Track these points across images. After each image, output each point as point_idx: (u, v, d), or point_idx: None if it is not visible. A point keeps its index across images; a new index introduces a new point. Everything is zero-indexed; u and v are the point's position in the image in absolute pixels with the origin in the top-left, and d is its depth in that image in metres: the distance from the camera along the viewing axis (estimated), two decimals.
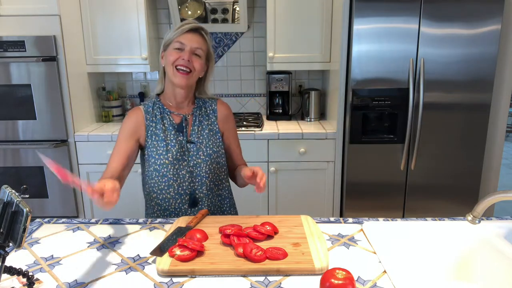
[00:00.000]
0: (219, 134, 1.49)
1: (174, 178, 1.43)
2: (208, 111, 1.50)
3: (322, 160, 2.56)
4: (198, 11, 2.82)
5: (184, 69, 1.37)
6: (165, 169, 1.42)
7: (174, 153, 1.41)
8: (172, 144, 1.42)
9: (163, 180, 1.43)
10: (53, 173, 1.00)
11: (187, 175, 1.43)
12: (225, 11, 2.83)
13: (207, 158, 1.44)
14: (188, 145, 1.43)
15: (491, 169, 2.55)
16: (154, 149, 1.42)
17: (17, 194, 0.86)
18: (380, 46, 2.30)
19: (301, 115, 2.96)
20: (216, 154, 1.47)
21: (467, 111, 2.38)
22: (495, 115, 2.45)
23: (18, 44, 2.39)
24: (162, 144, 1.41)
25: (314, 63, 2.73)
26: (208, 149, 1.45)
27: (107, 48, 2.74)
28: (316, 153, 2.54)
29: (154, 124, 1.44)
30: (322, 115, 2.98)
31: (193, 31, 1.38)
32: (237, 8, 2.82)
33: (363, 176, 2.50)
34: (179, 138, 1.43)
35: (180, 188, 1.44)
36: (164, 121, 1.44)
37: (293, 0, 2.62)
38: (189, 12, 2.83)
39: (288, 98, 2.90)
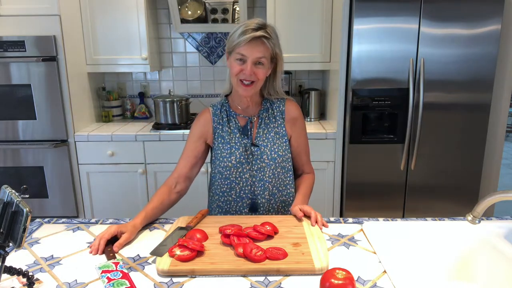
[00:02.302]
0: (286, 137, 1.43)
1: (237, 181, 1.41)
2: (275, 113, 1.44)
3: (322, 160, 2.56)
4: (198, 11, 2.82)
5: (247, 82, 1.33)
6: (228, 172, 1.40)
7: (238, 156, 1.39)
8: (236, 147, 1.39)
9: (226, 182, 1.42)
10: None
11: (250, 179, 1.40)
12: (225, 11, 2.83)
13: (271, 162, 1.39)
14: (252, 148, 1.40)
15: (491, 169, 2.55)
16: (219, 152, 1.41)
17: (17, 194, 0.86)
18: (380, 46, 2.30)
19: None
20: (282, 158, 1.41)
21: (467, 111, 2.38)
22: (495, 115, 2.45)
23: (18, 44, 2.39)
24: (226, 147, 1.40)
25: (314, 63, 2.73)
26: (273, 153, 1.39)
27: (107, 48, 2.74)
28: (316, 153, 2.53)
29: (220, 127, 1.42)
30: (322, 115, 2.98)
31: (255, 38, 1.29)
32: (237, 8, 2.82)
33: (363, 176, 2.50)
34: (243, 141, 1.40)
35: (242, 192, 1.42)
36: (230, 124, 1.42)
37: (293, 0, 2.62)
38: (189, 12, 2.83)
39: None
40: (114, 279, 0.96)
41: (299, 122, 1.47)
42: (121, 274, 0.98)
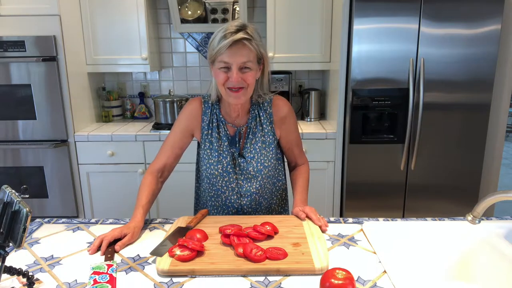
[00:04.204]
0: (272, 145, 1.40)
1: (223, 190, 1.40)
2: (263, 119, 1.39)
3: (322, 160, 2.56)
4: (198, 11, 2.82)
5: (235, 89, 1.26)
6: (215, 180, 1.40)
7: (225, 165, 1.37)
8: (224, 155, 1.37)
9: (213, 188, 1.42)
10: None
11: (236, 188, 1.40)
12: (225, 11, 2.83)
13: (257, 174, 1.38)
14: (239, 159, 1.38)
15: (491, 169, 2.55)
16: (207, 157, 1.39)
17: (17, 194, 0.86)
18: (380, 46, 2.30)
19: (301, 115, 2.96)
20: (267, 169, 1.39)
21: (467, 111, 2.38)
22: (495, 115, 2.45)
23: (18, 44, 2.39)
24: (214, 154, 1.38)
25: (314, 63, 2.73)
26: (259, 164, 1.37)
27: (107, 48, 2.74)
28: (316, 153, 2.54)
29: (209, 131, 1.39)
30: (322, 115, 2.98)
31: (236, 42, 1.21)
32: (237, 8, 2.82)
33: (363, 176, 2.50)
34: (231, 149, 1.38)
35: (227, 200, 1.42)
36: (220, 130, 1.39)
37: (293, 0, 2.62)
38: (189, 12, 2.83)
39: (288, 98, 2.90)
40: (100, 282, 0.95)
41: (288, 119, 1.42)
42: (108, 278, 0.97)
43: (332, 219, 1.33)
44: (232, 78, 1.24)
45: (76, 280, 0.98)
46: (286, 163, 1.56)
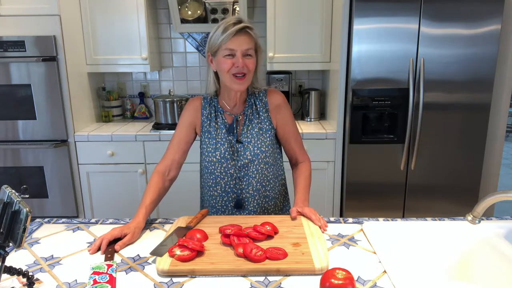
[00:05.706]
0: (269, 132, 1.45)
1: (222, 176, 1.43)
2: (259, 108, 1.46)
3: (322, 160, 2.56)
4: (198, 11, 2.82)
5: (240, 75, 1.34)
6: (213, 167, 1.43)
7: (223, 151, 1.41)
8: (222, 142, 1.42)
9: (211, 177, 1.45)
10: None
11: (235, 174, 1.43)
12: (225, 11, 2.83)
13: (254, 158, 1.42)
14: (237, 145, 1.42)
15: (491, 169, 2.55)
16: (205, 146, 1.44)
17: (17, 194, 0.86)
18: (380, 46, 2.30)
19: (301, 115, 2.96)
20: (264, 154, 1.43)
21: (467, 111, 2.38)
22: (495, 115, 2.45)
23: (18, 44, 2.39)
24: (212, 142, 1.43)
25: (314, 63, 2.73)
26: (255, 148, 1.42)
27: (107, 48, 2.74)
28: (316, 153, 2.54)
29: (208, 122, 1.45)
30: (322, 115, 2.98)
31: (239, 31, 1.31)
32: (237, 8, 2.82)
33: (363, 176, 2.50)
34: (229, 137, 1.43)
35: (227, 186, 1.44)
36: (217, 119, 1.45)
37: (293, 0, 2.62)
38: (189, 12, 2.83)
39: (288, 98, 2.91)
40: (100, 282, 0.95)
41: (283, 109, 1.48)
42: (107, 278, 0.97)
43: (332, 219, 1.33)
44: (238, 63, 1.31)
45: (76, 280, 0.98)
46: (286, 162, 1.56)
